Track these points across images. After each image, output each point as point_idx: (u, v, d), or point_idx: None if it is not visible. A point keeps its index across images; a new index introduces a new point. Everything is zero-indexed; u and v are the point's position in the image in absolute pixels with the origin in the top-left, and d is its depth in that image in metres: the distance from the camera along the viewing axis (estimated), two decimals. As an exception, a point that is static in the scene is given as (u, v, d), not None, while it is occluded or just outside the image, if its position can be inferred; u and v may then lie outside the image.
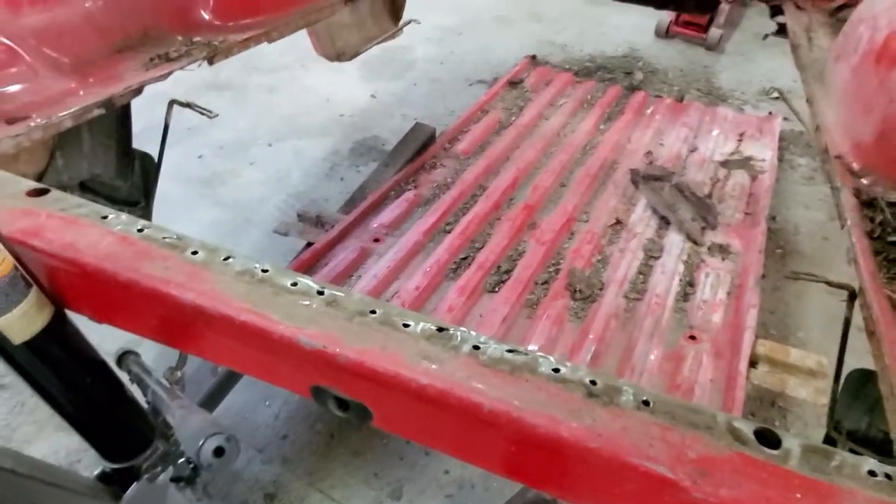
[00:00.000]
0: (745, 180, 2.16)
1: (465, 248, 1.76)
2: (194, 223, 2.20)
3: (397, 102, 2.84)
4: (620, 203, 2.00)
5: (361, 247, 1.73)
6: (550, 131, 2.37)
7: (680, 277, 1.69)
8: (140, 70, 1.05)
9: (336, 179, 2.42)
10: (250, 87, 2.87)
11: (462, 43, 3.31)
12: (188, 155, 2.50)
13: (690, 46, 3.35)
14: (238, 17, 1.24)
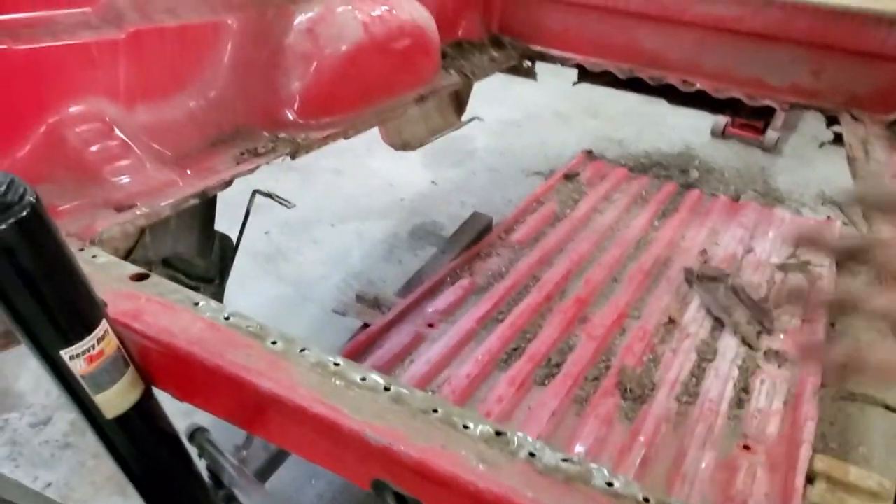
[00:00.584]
0: (804, 285, 2.13)
1: (517, 339, 1.78)
2: (257, 296, 2.30)
3: (456, 190, 2.96)
4: (674, 301, 1.99)
5: (416, 331, 1.78)
6: (604, 225, 2.41)
7: (734, 383, 1.66)
8: (231, 163, 1.16)
9: (394, 262, 2.50)
10: (318, 169, 3.04)
11: (521, 135, 3.45)
12: (255, 230, 2.64)
13: (747, 147, 3.39)
14: (319, 116, 1.36)
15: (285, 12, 1.32)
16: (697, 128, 3.44)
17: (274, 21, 1.31)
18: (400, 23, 1.54)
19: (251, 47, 1.29)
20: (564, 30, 2.23)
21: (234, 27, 1.27)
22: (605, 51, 2.18)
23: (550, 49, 2.28)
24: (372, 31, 1.43)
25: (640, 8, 2.04)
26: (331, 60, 1.34)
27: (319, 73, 1.33)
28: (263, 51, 1.30)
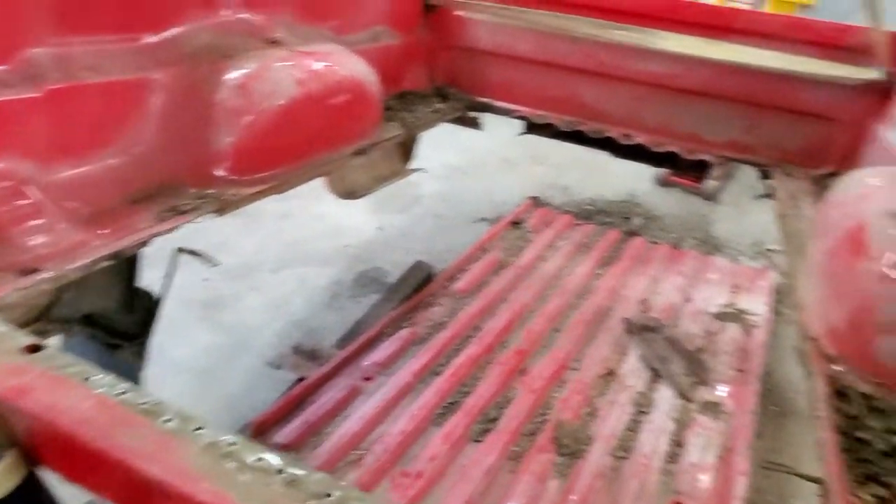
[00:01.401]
0: (739, 334, 2.19)
1: (455, 392, 1.76)
2: (191, 346, 2.23)
3: (402, 236, 2.96)
4: (613, 352, 2.02)
5: (352, 385, 1.74)
6: (548, 274, 2.44)
7: (669, 436, 1.67)
8: (152, 222, 1.13)
9: (337, 309, 2.47)
10: (262, 213, 3.00)
11: (468, 181, 3.49)
12: (193, 276, 2.57)
13: (688, 196, 3.50)
14: (251, 172, 1.34)
15: (217, 68, 1.31)
16: (641, 175, 3.54)
17: (205, 77, 1.30)
18: (338, 79, 1.55)
19: (180, 103, 1.27)
20: (508, 83, 2.27)
21: (163, 83, 1.26)
22: (549, 104, 2.23)
23: (495, 101, 2.32)
24: (308, 87, 1.43)
25: (579, 64, 2.10)
26: (264, 116, 1.33)
27: (251, 129, 1.32)
28: (193, 107, 1.28)
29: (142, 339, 1.37)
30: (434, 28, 2.23)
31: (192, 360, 2.17)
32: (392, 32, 2.03)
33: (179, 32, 1.33)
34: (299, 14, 1.65)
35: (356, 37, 1.90)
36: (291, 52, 1.47)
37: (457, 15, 2.18)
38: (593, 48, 2.02)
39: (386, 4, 1.96)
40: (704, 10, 2.14)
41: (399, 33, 2.05)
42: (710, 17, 1.95)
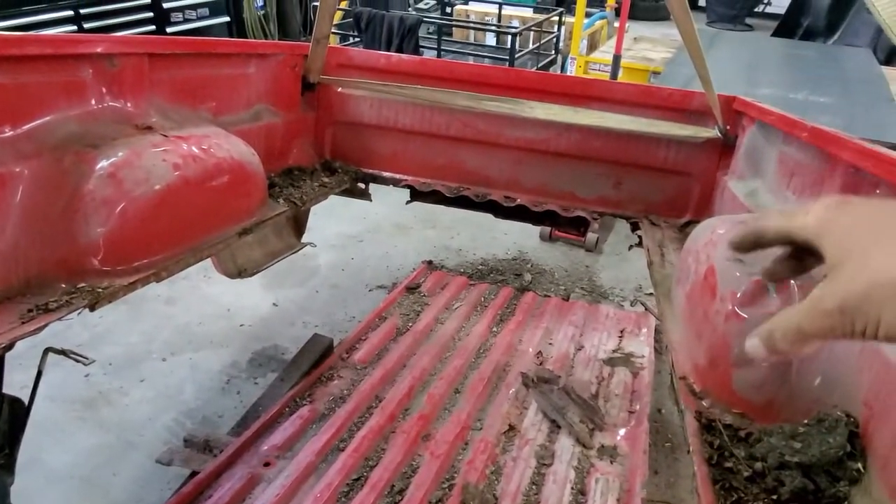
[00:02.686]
0: (628, 377, 2.30)
1: (359, 467, 1.73)
2: (73, 450, 2.05)
3: (299, 310, 2.91)
4: (513, 407, 2.06)
5: (250, 473, 1.67)
6: (446, 336, 2.48)
7: (571, 485, 1.72)
8: (15, 324, 1.06)
9: (232, 393, 2.37)
10: (147, 299, 2.86)
11: (363, 249, 3.51)
12: (73, 373, 2.40)
13: (572, 248, 3.70)
14: (127, 261, 1.30)
15: (85, 158, 1.28)
16: (528, 233, 3.71)
17: (72, 167, 1.26)
18: (217, 161, 1.54)
19: (45, 196, 1.22)
20: (393, 153, 2.35)
21: (25, 175, 1.20)
22: (433, 171, 2.31)
23: (382, 171, 2.38)
24: (184, 172, 1.42)
25: (459, 133, 2.21)
26: (137, 204, 1.30)
27: (124, 218, 1.28)
28: (60, 199, 1.23)
29: (8, 453, 1.25)
30: (317, 104, 2.28)
31: (72, 467, 1.99)
32: (273, 111, 2.06)
33: (42, 123, 1.30)
34: (173, 98, 1.64)
35: (236, 117, 1.91)
36: (165, 137, 1.45)
37: (338, 91, 2.24)
38: (470, 118, 2.15)
39: (264, 84, 1.99)
40: (567, 81, 2.34)
41: (280, 111, 2.08)
42: (572, 87, 2.13)
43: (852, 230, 0.46)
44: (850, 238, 0.45)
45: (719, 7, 10.25)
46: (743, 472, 0.93)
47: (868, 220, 0.45)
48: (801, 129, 1.38)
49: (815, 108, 3.69)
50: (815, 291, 0.46)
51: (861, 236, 0.44)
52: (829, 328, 0.44)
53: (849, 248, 0.45)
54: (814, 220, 0.50)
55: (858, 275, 0.43)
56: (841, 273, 0.44)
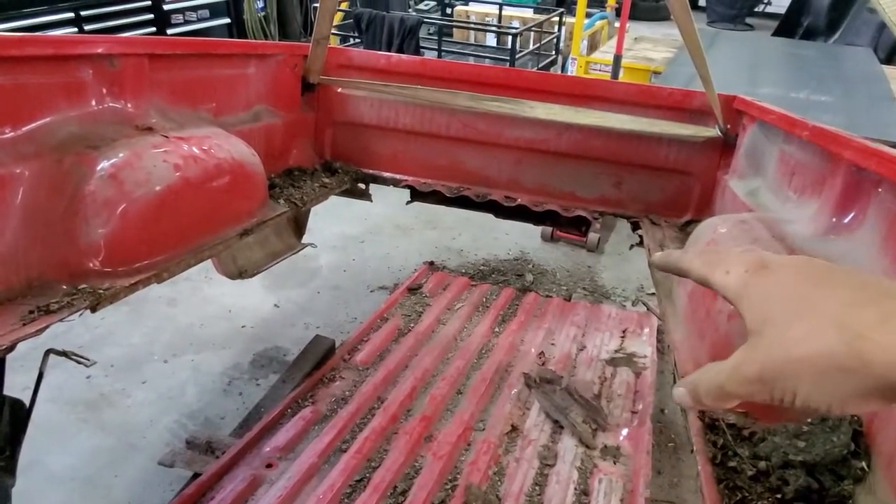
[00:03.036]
0: (630, 378, 2.30)
1: (362, 468, 1.73)
2: (70, 454, 2.05)
3: (300, 311, 2.90)
4: (515, 408, 2.05)
5: (252, 475, 1.66)
6: (448, 336, 2.47)
7: (574, 486, 1.71)
8: (16, 325, 1.06)
9: (234, 395, 2.36)
10: (149, 300, 2.86)
11: (364, 250, 3.51)
12: (75, 374, 2.39)
13: (574, 249, 3.70)
14: (128, 262, 1.30)
15: (85, 159, 1.28)
16: (529, 233, 3.70)
17: (72, 168, 1.26)
18: (217, 161, 1.54)
19: (46, 197, 1.22)
20: (393, 154, 2.34)
21: (26, 176, 1.20)
22: (433, 171, 2.31)
23: (382, 172, 2.37)
24: (185, 172, 1.42)
25: (459, 133, 2.20)
26: (138, 205, 1.30)
27: (125, 219, 1.28)
28: (60, 200, 1.23)
29: (10, 454, 1.25)
30: (317, 105, 2.28)
31: (74, 469, 1.99)
32: (273, 111, 2.06)
33: (43, 124, 1.29)
34: (173, 99, 1.64)
35: (236, 117, 1.90)
36: (166, 138, 1.45)
37: (338, 92, 2.24)
38: (471, 118, 2.14)
39: (264, 85, 1.99)
40: (568, 81, 2.33)
41: (280, 112, 2.08)
42: (572, 87, 2.13)
43: (771, 299, 0.45)
44: (768, 307, 0.45)
45: (719, 7, 10.25)
46: (747, 472, 0.93)
47: (786, 290, 0.45)
48: (802, 127, 1.38)
49: (817, 108, 3.69)
50: (737, 356, 0.46)
51: (779, 307, 0.44)
52: (749, 393, 0.45)
53: (767, 318, 0.45)
54: (733, 284, 0.49)
55: (775, 348, 0.43)
56: (759, 342, 0.45)
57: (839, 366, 0.40)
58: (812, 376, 0.41)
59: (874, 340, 0.39)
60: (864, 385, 0.40)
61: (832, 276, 0.45)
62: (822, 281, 0.45)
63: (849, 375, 0.40)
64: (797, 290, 0.45)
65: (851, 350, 0.39)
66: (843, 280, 0.44)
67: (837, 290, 0.43)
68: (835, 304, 0.42)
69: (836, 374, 0.40)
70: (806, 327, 0.42)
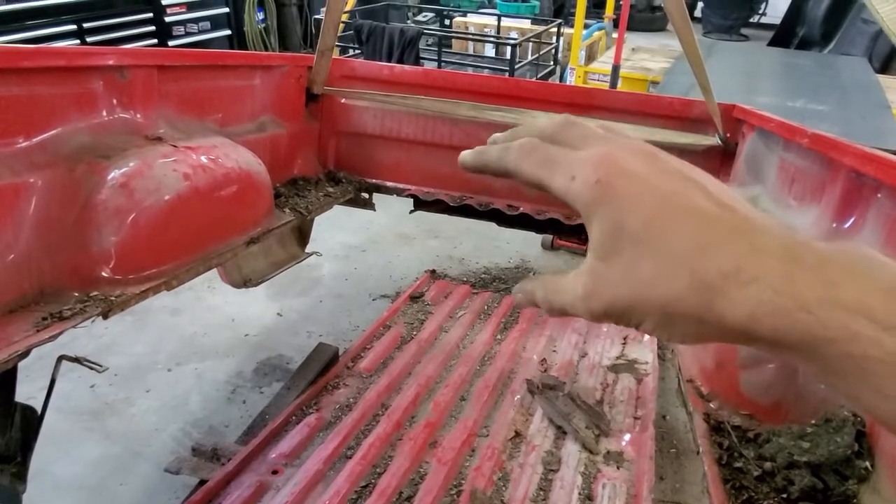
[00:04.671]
0: (632, 384, 2.31)
1: (367, 474, 1.73)
2: (77, 462, 2.05)
3: (303, 320, 2.92)
4: (519, 414, 2.07)
5: (259, 481, 1.67)
6: (450, 344, 2.48)
7: (578, 491, 1.72)
8: (30, 331, 1.07)
9: (238, 403, 2.37)
10: (152, 310, 2.87)
11: (366, 259, 3.53)
12: (79, 384, 2.40)
13: (574, 257, 3.72)
14: (138, 270, 1.31)
15: (97, 168, 1.30)
16: (530, 241, 3.73)
17: (84, 177, 1.28)
18: (225, 171, 1.56)
19: (58, 206, 1.24)
20: (397, 163, 2.37)
21: (39, 185, 1.22)
22: (436, 180, 2.33)
23: (385, 181, 2.39)
24: (194, 182, 1.44)
25: (461, 142, 2.23)
26: (148, 214, 1.32)
27: (136, 228, 1.30)
28: (72, 208, 1.25)
29: (21, 460, 1.26)
30: (321, 115, 2.31)
31: (81, 477, 1.99)
32: (278, 122, 2.08)
33: (55, 134, 1.32)
34: (181, 109, 1.67)
35: (242, 127, 1.93)
36: (175, 148, 1.47)
37: (341, 102, 2.27)
38: (473, 128, 2.17)
39: (269, 95, 2.02)
40: (569, 91, 2.36)
41: (285, 122, 2.11)
42: (574, 96, 2.15)
43: (623, 221, 0.40)
44: (619, 231, 0.40)
45: (715, 18, 10.34)
46: (753, 472, 0.94)
47: (639, 210, 0.40)
48: (801, 135, 1.40)
49: (813, 116, 3.73)
50: (582, 280, 0.43)
51: (630, 232, 0.40)
52: (592, 320, 0.43)
53: (617, 244, 0.40)
54: (579, 193, 0.42)
55: (624, 283, 0.40)
56: (607, 273, 0.41)
57: (687, 313, 0.38)
58: (658, 317, 0.39)
59: (726, 295, 0.36)
60: (707, 331, 0.38)
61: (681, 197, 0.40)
62: (672, 206, 0.39)
63: (695, 323, 0.38)
64: (648, 217, 0.40)
65: (703, 301, 0.37)
66: (692, 206, 0.39)
67: (686, 221, 0.39)
68: (684, 241, 0.38)
69: (682, 319, 0.38)
70: (655, 267, 0.39)
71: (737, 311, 0.36)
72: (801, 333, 0.34)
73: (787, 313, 0.34)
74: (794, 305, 0.34)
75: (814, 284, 0.34)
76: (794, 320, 0.34)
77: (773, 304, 0.35)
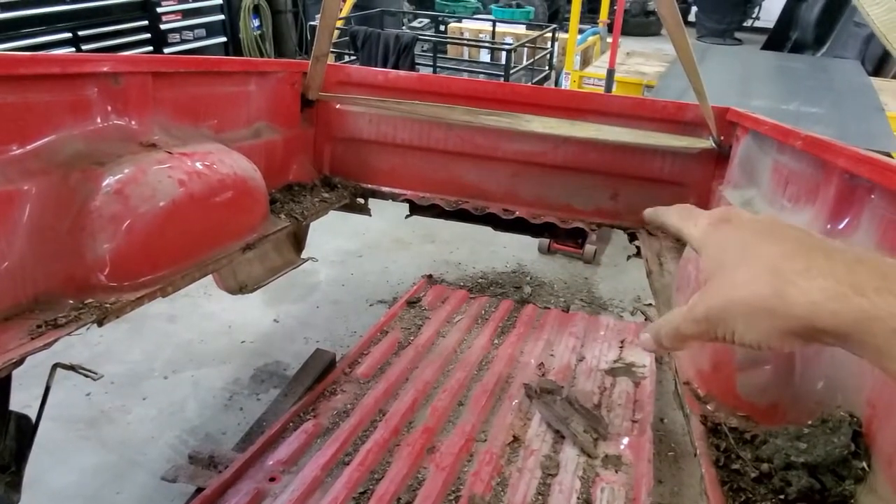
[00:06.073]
0: (630, 387, 2.31)
1: (365, 481, 1.73)
2: (73, 471, 2.04)
3: (300, 326, 2.91)
4: (517, 419, 2.06)
5: (256, 488, 1.66)
6: (448, 349, 2.48)
7: (577, 495, 1.72)
8: (25, 339, 1.07)
9: (235, 410, 2.36)
10: (149, 317, 2.87)
11: (362, 265, 3.53)
12: (75, 392, 2.39)
13: (571, 261, 3.72)
14: (133, 277, 1.31)
15: (91, 175, 1.29)
16: (526, 245, 3.73)
17: (78, 184, 1.27)
18: (220, 177, 1.56)
19: (53, 213, 1.23)
20: (392, 168, 2.36)
21: (33, 193, 1.22)
22: (432, 185, 2.33)
23: (381, 186, 2.39)
24: (189, 188, 1.43)
25: (457, 147, 2.23)
26: (143, 220, 1.32)
27: (131, 234, 1.29)
28: (67, 215, 1.25)
29: (16, 469, 1.25)
30: (316, 121, 2.31)
31: (77, 486, 1.98)
32: (273, 128, 2.08)
33: (49, 141, 1.31)
34: (176, 116, 1.66)
35: (237, 133, 1.93)
36: (170, 154, 1.47)
37: (336, 108, 2.27)
38: (468, 133, 2.17)
39: (264, 101, 2.02)
40: (564, 95, 2.37)
41: (280, 128, 2.11)
42: (568, 100, 2.16)
43: (725, 248, 0.51)
44: (721, 255, 0.51)
45: (709, 22, 10.39)
46: (750, 474, 0.94)
47: (738, 242, 0.50)
48: (795, 137, 1.40)
49: (807, 119, 3.74)
50: (692, 300, 0.52)
51: (730, 254, 0.50)
52: (699, 333, 0.51)
53: (719, 265, 0.50)
54: (699, 234, 0.55)
55: (721, 291, 0.48)
56: (710, 286, 0.50)
57: (766, 306, 0.45)
58: (745, 316, 0.46)
59: (797, 284, 0.43)
60: (785, 325, 0.44)
61: (780, 231, 0.49)
62: (770, 235, 0.49)
63: (773, 315, 0.44)
64: (746, 242, 0.49)
65: (777, 293, 0.44)
66: (787, 235, 0.48)
67: (779, 243, 0.47)
68: (773, 255, 0.46)
69: (763, 313, 0.45)
70: (746, 274, 0.47)
71: (803, 299, 0.43)
72: (856, 314, 0.41)
73: (846, 298, 0.41)
74: (851, 291, 0.41)
75: (871, 277, 0.41)
76: (850, 304, 0.41)
77: (833, 291, 0.42)
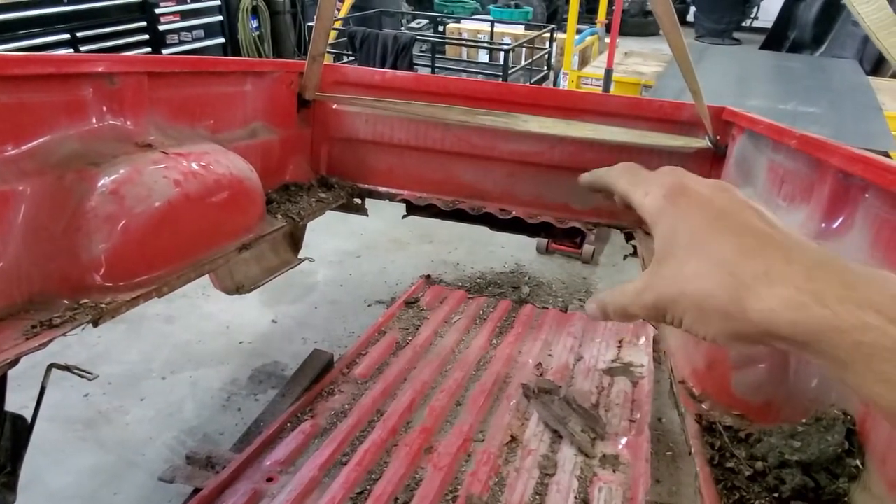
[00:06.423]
0: (628, 387, 2.31)
1: (362, 481, 1.73)
2: (70, 472, 2.04)
3: (298, 326, 2.91)
4: (514, 419, 2.06)
5: (254, 489, 1.67)
6: (446, 349, 2.48)
7: (575, 495, 1.72)
8: (19, 340, 1.06)
9: (233, 410, 2.36)
10: (146, 317, 2.87)
11: (360, 265, 3.53)
12: (72, 393, 2.39)
13: (569, 261, 3.72)
14: (129, 277, 1.31)
15: (86, 175, 1.29)
16: (524, 245, 3.73)
17: (74, 185, 1.27)
18: (216, 177, 1.55)
19: (48, 213, 1.23)
20: (389, 169, 2.36)
21: (28, 193, 1.22)
22: (428, 185, 2.32)
23: (378, 186, 2.39)
24: (185, 188, 1.43)
25: (453, 147, 2.23)
26: (139, 220, 1.31)
27: (127, 234, 1.29)
28: (62, 216, 1.24)
29: (10, 470, 1.25)
30: (312, 121, 2.30)
31: (74, 487, 1.98)
32: (269, 128, 2.08)
33: (44, 142, 1.31)
34: (172, 116, 1.66)
35: (233, 134, 1.92)
36: (165, 154, 1.47)
37: (333, 108, 2.26)
38: (465, 132, 2.17)
39: (260, 101, 2.01)
40: (560, 95, 2.36)
41: (276, 128, 2.10)
42: (565, 100, 2.15)
43: (678, 230, 0.48)
44: (674, 237, 0.48)
45: (707, 22, 10.39)
46: (744, 472, 0.94)
47: (694, 223, 0.48)
48: (789, 136, 1.40)
49: (805, 119, 3.74)
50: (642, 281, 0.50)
51: (683, 239, 0.48)
52: (646, 315, 0.50)
53: (671, 248, 0.48)
54: (650, 206, 0.52)
55: (674, 281, 0.47)
56: (661, 271, 0.48)
57: (719, 308, 0.43)
58: (696, 312, 0.45)
59: (754, 291, 0.41)
60: (739, 328, 0.43)
61: (736, 216, 0.47)
62: (725, 221, 0.47)
63: (727, 318, 0.43)
64: (701, 228, 0.47)
65: (733, 299, 0.42)
66: (744, 223, 0.46)
67: (735, 235, 0.45)
68: (728, 249, 0.44)
69: (715, 314, 0.43)
70: (699, 267, 0.45)
71: (761, 306, 0.40)
72: (817, 325, 0.38)
73: (806, 307, 0.39)
74: (812, 301, 0.39)
75: (833, 286, 0.39)
76: (811, 314, 0.38)
77: (793, 300, 0.39)
